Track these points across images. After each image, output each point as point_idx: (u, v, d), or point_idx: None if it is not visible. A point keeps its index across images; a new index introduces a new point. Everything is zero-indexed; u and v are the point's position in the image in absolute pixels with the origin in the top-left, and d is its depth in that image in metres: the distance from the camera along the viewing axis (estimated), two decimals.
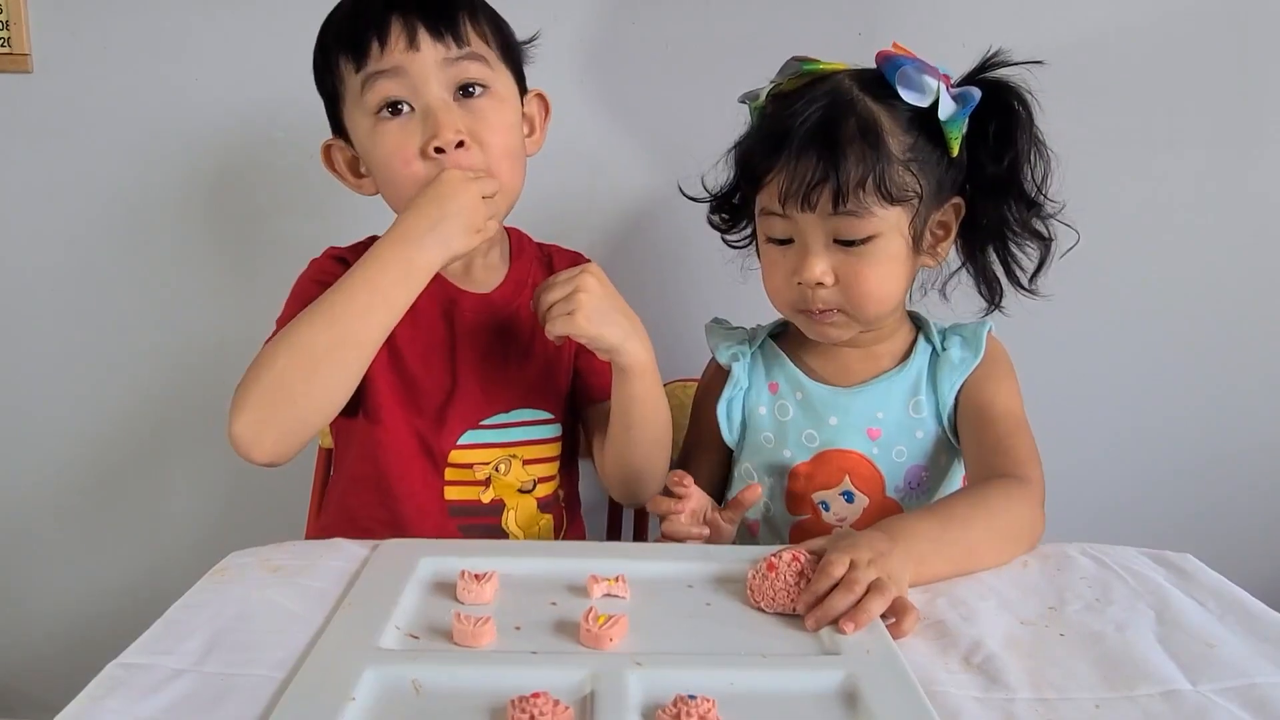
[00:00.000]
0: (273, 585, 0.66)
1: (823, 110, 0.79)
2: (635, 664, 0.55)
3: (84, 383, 1.28)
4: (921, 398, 0.88)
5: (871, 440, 0.88)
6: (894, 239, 0.81)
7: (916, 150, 0.80)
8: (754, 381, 0.93)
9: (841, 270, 0.81)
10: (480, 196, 0.78)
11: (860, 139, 0.78)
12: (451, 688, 0.54)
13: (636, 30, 1.18)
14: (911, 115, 0.80)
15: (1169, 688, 0.55)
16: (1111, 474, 1.28)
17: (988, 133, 0.82)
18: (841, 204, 0.78)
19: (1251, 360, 1.25)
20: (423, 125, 0.79)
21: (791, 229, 0.82)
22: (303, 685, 0.53)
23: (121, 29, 1.17)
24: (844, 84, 0.81)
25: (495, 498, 0.90)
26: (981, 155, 0.83)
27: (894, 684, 0.54)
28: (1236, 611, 0.64)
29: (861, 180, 0.78)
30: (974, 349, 0.87)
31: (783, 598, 0.63)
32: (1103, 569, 0.71)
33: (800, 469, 0.89)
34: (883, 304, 0.84)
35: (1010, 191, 0.84)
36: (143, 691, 0.52)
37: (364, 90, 0.79)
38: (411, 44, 0.78)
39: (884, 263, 0.81)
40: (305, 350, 0.74)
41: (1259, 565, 1.25)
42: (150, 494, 1.32)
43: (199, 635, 0.59)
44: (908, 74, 0.79)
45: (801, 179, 0.78)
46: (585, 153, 1.18)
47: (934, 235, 0.86)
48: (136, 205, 1.23)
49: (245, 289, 1.24)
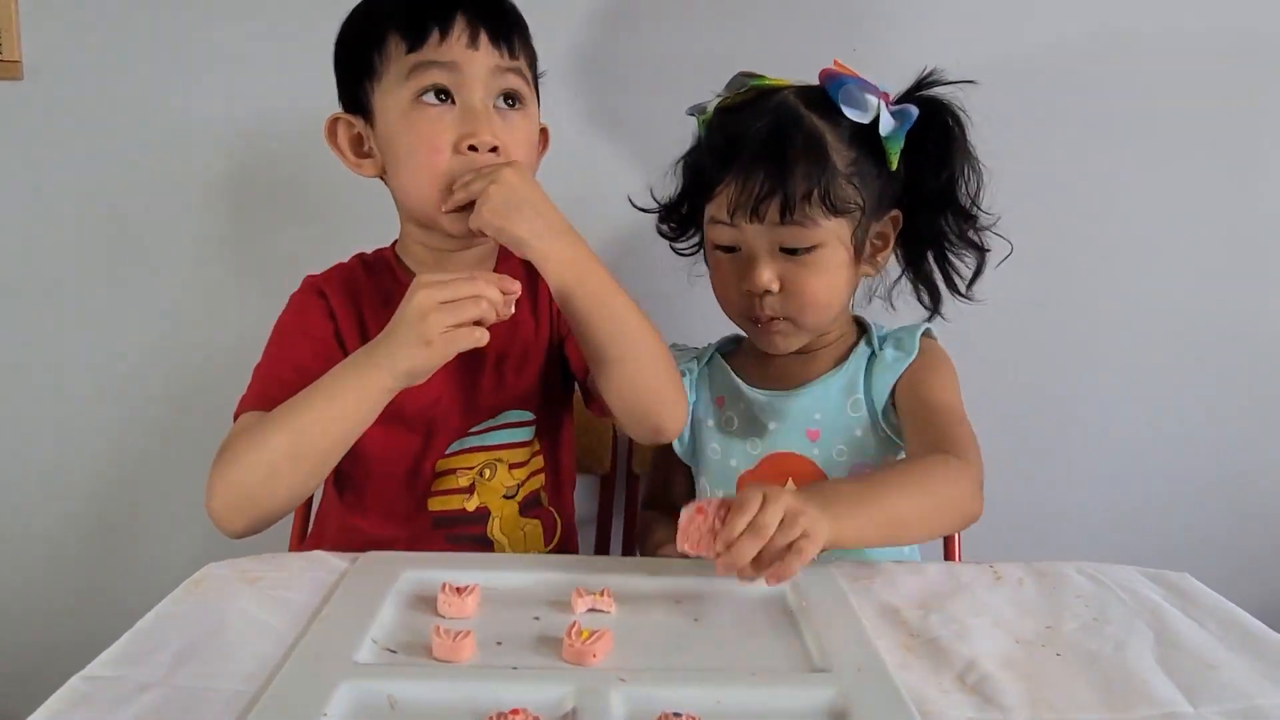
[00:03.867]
0: (249, 597, 0.64)
1: (771, 125, 0.82)
2: (619, 680, 0.53)
3: (76, 390, 1.26)
4: (859, 396, 0.90)
5: (811, 441, 0.90)
6: (837, 249, 0.85)
7: (858, 164, 0.84)
8: (700, 397, 0.96)
9: (787, 278, 0.85)
10: (438, 304, 0.70)
11: (806, 153, 0.81)
12: (427, 704, 0.52)
13: (626, 45, 1.17)
14: (853, 131, 0.84)
15: (1170, 710, 0.54)
16: (1109, 492, 1.27)
17: (925, 148, 0.86)
18: (788, 215, 0.82)
19: (1253, 378, 1.24)
20: (461, 120, 0.79)
21: (739, 238, 0.85)
22: (273, 700, 0.51)
23: (113, 37, 1.17)
24: (789, 100, 0.84)
25: (480, 505, 0.89)
26: (919, 169, 0.87)
27: (886, 703, 0.52)
28: (1236, 632, 0.63)
29: (807, 193, 0.81)
30: (907, 349, 0.89)
31: (707, 540, 0.63)
32: (1100, 588, 0.69)
33: (745, 476, 0.92)
34: (826, 310, 0.87)
35: (946, 204, 0.88)
36: (106, 706, 0.50)
37: (412, 74, 0.79)
38: (473, 42, 0.79)
39: (827, 271, 0.85)
40: (266, 458, 0.73)
41: (1257, 585, 1.24)
42: (136, 502, 1.29)
43: (169, 648, 0.57)
44: (850, 92, 0.82)
45: (751, 191, 0.81)
46: (574, 166, 1.17)
47: (874, 245, 0.89)
48: (127, 214, 1.21)
49: (239, 298, 1.23)
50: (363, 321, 0.87)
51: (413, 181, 0.82)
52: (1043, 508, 1.27)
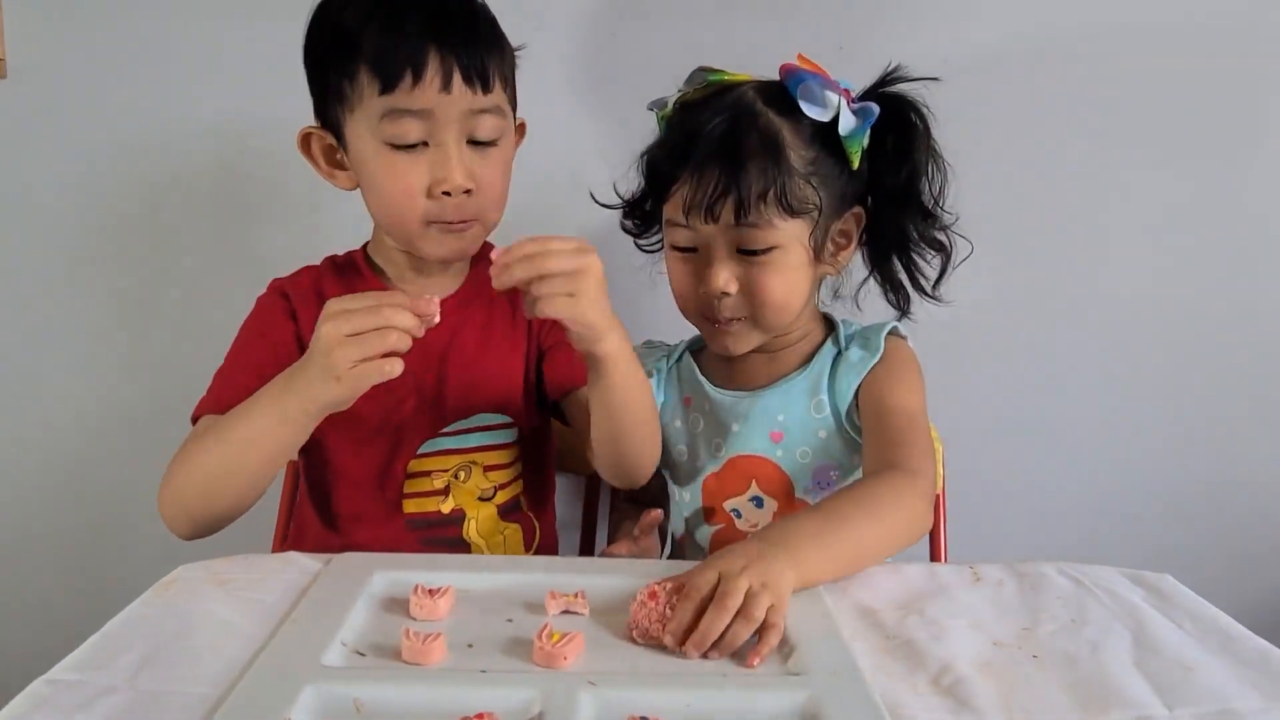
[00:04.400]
0: (219, 599, 0.64)
1: (726, 123, 0.80)
2: (588, 684, 0.53)
3: (56, 388, 1.25)
4: (823, 397, 0.88)
5: (775, 443, 0.88)
6: (794, 249, 0.83)
7: (817, 164, 0.82)
8: (669, 397, 0.95)
9: (744, 279, 0.83)
10: (343, 337, 0.66)
11: (762, 152, 0.79)
12: (394, 708, 0.51)
13: (619, 41, 1.17)
14: (813, 129, 0.81)
15: (1143, 713, 0.53)
16: (1092, 494, 1.27)
17: (887, 145, 0.84)
18: (743, 216, 0.80)
19: (1238, 381, 1.24)
20: (433, 164, 0.78)
21: (695, 239, 0.84)
22: (237, 703, 0.50)
23: (98, 36, 1.16)
24: (748, 96, 0.82)
25: (455, 507, 0.89)
26: (881, 167, 0.85)
27: (858, 707, 0.52)
28: (1215, 634, 0.62)
29: (763, 193, 0.79)
30: (872, 349, 0.88)
31: (657, 629, 0.58)
32: (1080, 589, 0.69)
33: (710, 478, 0.90)
34: (785, 312, 0.85)
35: (909, 202, 0.85)
36: (67, 709, 0.50)
37: (384, 119, 0.77)
38: (445, 86, 0.76)
39: (785, 272, 0.83)
40: (202, 472, 0.74)
41: (1240, 587, 1.24)
42: (117, 503, 1.29)
43: (135, 650, 0.56)
44: (809, 88, 0.80)
45: (705, 191, 0.79)
46: (565, 162, 1.17)
47: (835, 244, 0.87)
48: (111, 212, 1.21)
49: (220, 297, 1.22)
50: None
51: (387, 221, 0.83)
52: (1026, 509, 1.26)
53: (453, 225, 0.81)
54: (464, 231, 0.82)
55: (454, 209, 0.80)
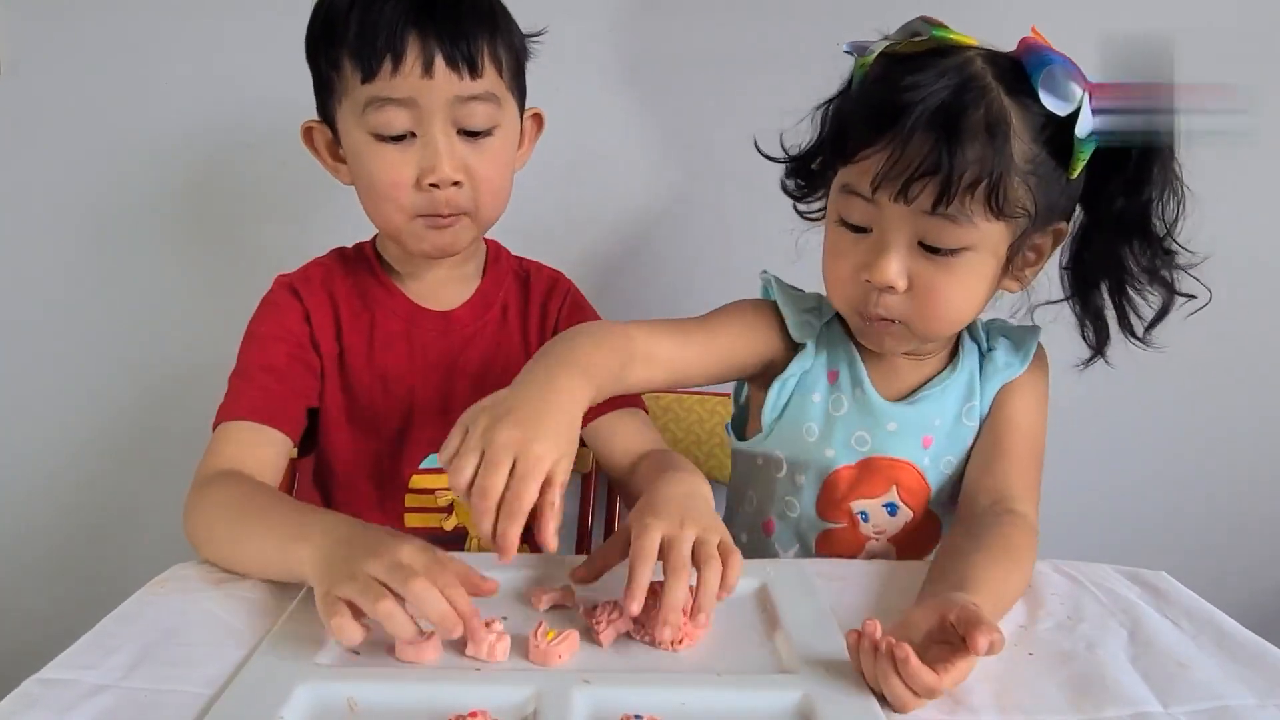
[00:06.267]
0: (213, 598, 0.63)
1: (950, 91, 0.67)
2: (582, 681, 0.53)
3: (52, 389, 1.24)
4: (975, 403, 0.80)
5: (924, 449, 0.80)
6: (986, 257, 0.71)
7: (1038, 163, 0.69)
8: (816, 363, 0.82)
9: (919, 279, 0.71)
10: (369, 578, 0.56)
11: (985, 136, 0.66)
12: (388, 706, 0.51)
13: (637, 39, 1.14)
14: (1044, 121, 0.68)
15: (1139, 710, 0.53)
16: (1090, 489, 1.26)
17: (1126, 159, 0.71)
18: (944, 204, 0.67)
19: (1237, 374, 1.23)
20: (421, 155, 0.76)
21: (874, 217, 0.71)
22: (230, 702, 0.50)
23: (93, 32, 1.15)
24: (976, 65, 0.69)
25: (458, 525, 0.87)
26: (1110, 182, 0.72)
27: (853, 705, 0.52)
28: (1210, 631, 0.62)
29: (975, 182, 0.66)
30: (1021, 356, 0.81)
31: (655, 625, 0.57)
32: (1076, 586, 0.69)
33: (844, 472, 0.81)
34: (953, 325, 0.76)
35: (1137, 230, 0.73)
36: (58, 709, 0.50)
37: (367, 108, 0.75)
38: (427, 71, 0.74)
39: (968, 281, 0.71)
40: (214, 547, 0.69)
41: (1239, 584, 1.23)
42: (115, 502, 1.28)
43: (127, 649, 0.56)
44: (1054, 75, 0.67)
45: (906, 164, 0.66)
46: (582, 162, 1.15)
47: (1025, 258, 0.75)
48: (107, 210, 1.20)
49: (218, 294, 1.22)
50: (338, 319, 0.86)
51: (378, 214, 0.81)
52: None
53: (440, 219, 0.79)
54: (451, 226, 0.80)
55: (443, 202, 0.77)
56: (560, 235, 1.17)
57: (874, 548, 0.82)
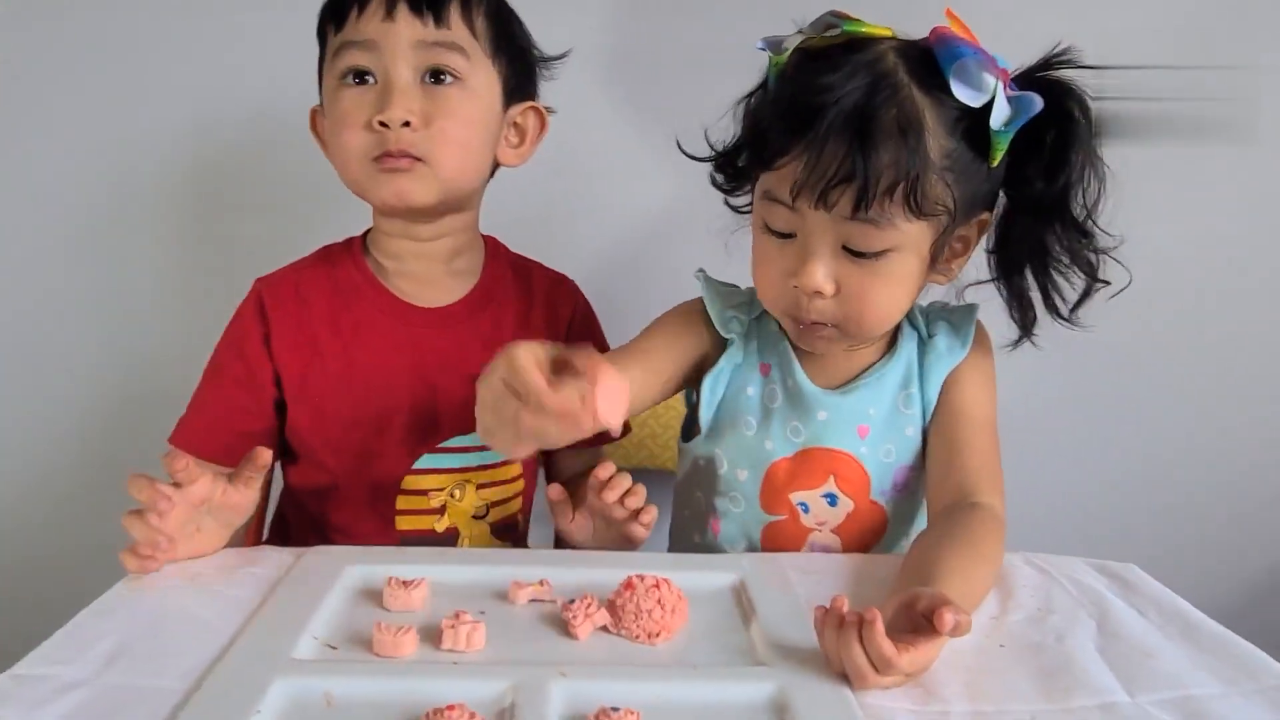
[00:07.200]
0: (189, 593, 0.63)
1: (863, 92, 0.66)
2: (560, 675, 0.53)
3: (43, 384, 1.24)
4: (913, 391, 0.80)
5: (860, 439, 0.80)
6: (910, 256, 0.71)
7: (955, 157, 0.68)
8: (746, 358, 0.82)
9: (845, 282, 0.71)
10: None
11: (900, 136, 0.65)
12: (365, 700, 0.51)
13: (639, 39, 1.14)
14: (958, 114, 0.68)
15: (1106, 699, 0.54)
16: (1065, 485, 1.28)
17: (1043, 144, 0.70)
18: (863, 210, 0.67)
19: (1213, 372, 1.25)
20: (379, 98, 0.78)
21: (797, 224, 0.71)
22: (204, 698, 0.50)
23: (86, 29, 1.14)
24: (888, 61, 0.68)
25: (450, 526, 0.87)
26: (1029, 168, 0.72)
27: (826, 696, 0.52)
28: (1177, 622, 0.64)
29: (892, 186, 0.66)
30: (962, 338, 0.80)
31: (631, 621, 0.59)
32: (1046, 578, 0.70)
33: (781, 464, 0.80)
34: (884, 325, 0.76)
35: (1058, 213, 0.72)
36: (30, 705, 0.49)
37: (336, 55, 0.79)
38: (389, 15, 0.77)
39: (893, 281, 0.71)
40: None
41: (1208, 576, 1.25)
42: (89, 497, 1.27)
43: (102, 645, 0.56)
44: (966, 68, 0.66)
45: (823, 172, 0.66)
46: (584, 162, 1.15)
47: (952, 250, 0.75)
48: (100, 207, 1.19)
49: (211, 291, 1.19)
50: (313, 326, 0.85)
51: (338, 160, 0.82)
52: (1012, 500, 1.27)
53: (391, 158, 0.78)
54: (406, 170, 0.78)
55: (392, 140, 0.77)
56: (559, 235, 1.16)
57: (817, 539, 0.81)
